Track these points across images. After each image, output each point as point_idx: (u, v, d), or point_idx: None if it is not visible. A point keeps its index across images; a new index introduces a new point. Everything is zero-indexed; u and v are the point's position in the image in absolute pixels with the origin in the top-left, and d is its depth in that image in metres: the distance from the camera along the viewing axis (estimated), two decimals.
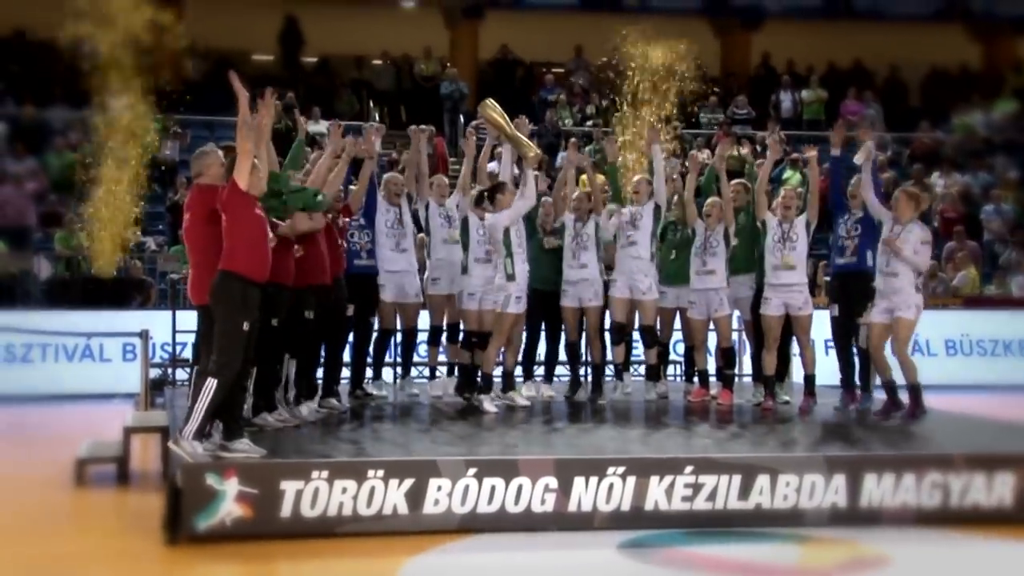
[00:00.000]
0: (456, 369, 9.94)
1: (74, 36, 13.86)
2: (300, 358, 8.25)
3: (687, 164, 10.21)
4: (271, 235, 7.05)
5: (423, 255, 10.20)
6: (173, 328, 11.12)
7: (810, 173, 9.77)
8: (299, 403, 8.32)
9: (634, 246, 9.58)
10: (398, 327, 10.02)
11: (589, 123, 19.02)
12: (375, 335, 9.82)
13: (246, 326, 6.67)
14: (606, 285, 9.76)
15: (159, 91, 14.63)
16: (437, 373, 10.51)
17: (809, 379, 9.42)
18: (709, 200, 9.70)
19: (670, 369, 11.66)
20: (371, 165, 9.46)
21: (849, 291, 9.32)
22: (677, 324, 10.26)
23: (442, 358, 10.38)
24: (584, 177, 11.71)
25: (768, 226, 9.36)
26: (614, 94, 16.05)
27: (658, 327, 9.93)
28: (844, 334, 9.45)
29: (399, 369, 10.31)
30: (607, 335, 9.98)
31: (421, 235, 10.33)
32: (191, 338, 9.52)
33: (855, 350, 9.43)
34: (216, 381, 6.61)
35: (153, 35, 14.12)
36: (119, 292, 14.89)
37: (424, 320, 10.07)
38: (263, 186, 6.97)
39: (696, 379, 9.99)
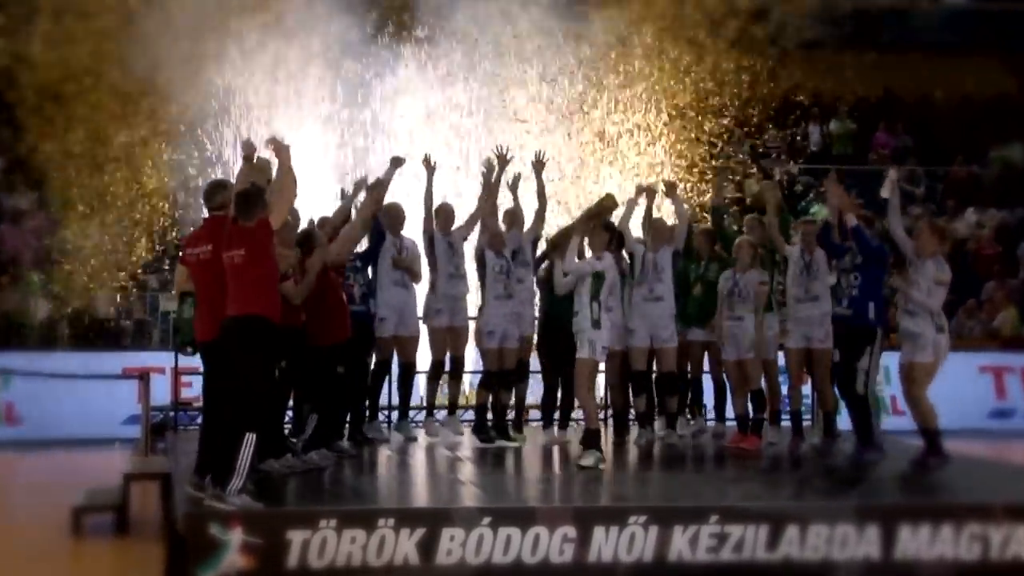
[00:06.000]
0: (449, 407, 10.03)
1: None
2: (326, 414, 8.34)
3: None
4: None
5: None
6: (175, 370, 11.16)
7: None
8: (308, 451, 8.34)
9: (660, 301, 9.63)
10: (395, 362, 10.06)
11: None
12: (372, 371, 9.86)
13: (276, 372, 6.75)
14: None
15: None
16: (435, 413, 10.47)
17: (827, 416, 9.50)
18: (738, 241, 9.74)
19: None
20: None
21: (848, 337, 9.12)
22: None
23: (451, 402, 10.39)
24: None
25: (790, 259, 9.46)
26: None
27: (684, 367, 10.00)
28: (845, 381, 9.17)
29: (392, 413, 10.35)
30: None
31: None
32: (195, 380, 9.57)
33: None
34: (254, 435, 6.66)
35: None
36: (118, 332, 14.92)
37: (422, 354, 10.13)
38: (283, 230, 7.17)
39: (735, 424, 9.95)
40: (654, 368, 9.96)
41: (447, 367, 9.97)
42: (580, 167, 15.48)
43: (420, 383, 10.52)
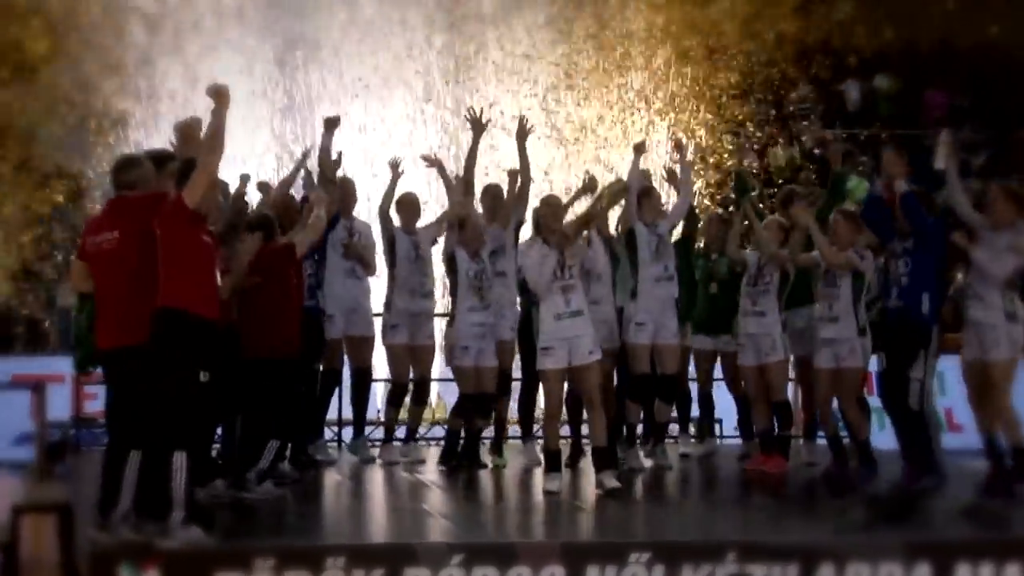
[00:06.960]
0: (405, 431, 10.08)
1: None
2: (288, 438, 8.51)
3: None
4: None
5: None
6: (76, 379, 11.11)
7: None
8: (263, 482, 8.37)
9: (671, 281, 9.61)
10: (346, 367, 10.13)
11: None
12: (319, 380, 9.87)
13: (204, 376, 6.76)
14: None
15: None
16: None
17: (862, 445, 9.45)
18: (766, 221, 9.76)
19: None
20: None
21: (898, 339, 9.06)
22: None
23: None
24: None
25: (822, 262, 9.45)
26: None
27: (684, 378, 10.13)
28: (894, 394, 9.13)
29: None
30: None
31: None
32: (102, 391, 9.53)
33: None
34: (185, 454, 6.72)
35: None
36: (5, 333, 14.90)
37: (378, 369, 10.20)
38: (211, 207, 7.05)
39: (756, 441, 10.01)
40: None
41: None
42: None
43: (376, 395, 10.52)
